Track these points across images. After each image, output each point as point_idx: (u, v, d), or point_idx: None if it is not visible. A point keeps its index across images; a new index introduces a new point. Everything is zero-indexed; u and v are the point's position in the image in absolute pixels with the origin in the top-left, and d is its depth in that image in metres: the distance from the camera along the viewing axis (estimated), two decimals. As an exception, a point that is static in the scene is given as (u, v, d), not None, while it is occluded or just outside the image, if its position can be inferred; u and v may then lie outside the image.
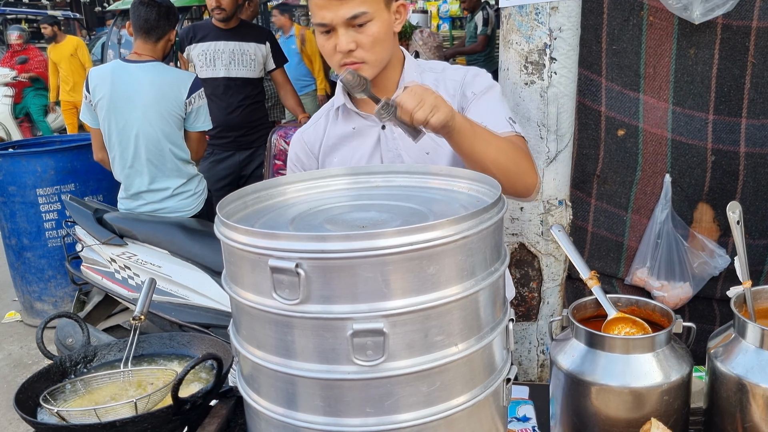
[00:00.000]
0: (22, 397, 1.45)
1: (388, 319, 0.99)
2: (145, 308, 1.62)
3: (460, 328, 1.05)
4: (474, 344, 1.06)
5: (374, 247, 0.97)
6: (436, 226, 1.00)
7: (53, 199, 4.96)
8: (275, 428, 1.11)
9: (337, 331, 1.00)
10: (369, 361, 1.00)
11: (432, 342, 1.03)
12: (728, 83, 2.56)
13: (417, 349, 1.02)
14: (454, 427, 1.07)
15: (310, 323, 1.01)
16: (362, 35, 1.72)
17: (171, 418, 1.36)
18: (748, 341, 1.38)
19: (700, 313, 2.84)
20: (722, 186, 2.67)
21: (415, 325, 1.01)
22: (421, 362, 1.02)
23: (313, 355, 1.03)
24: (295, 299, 1.00)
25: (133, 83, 3.70)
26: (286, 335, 1.04)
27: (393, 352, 1.01)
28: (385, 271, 0.98)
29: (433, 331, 1.02)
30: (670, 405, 1.41)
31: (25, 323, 5.37)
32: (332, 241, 0.98)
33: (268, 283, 1.02)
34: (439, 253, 1.00)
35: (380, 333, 0.99)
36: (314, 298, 1.00)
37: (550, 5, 2.56)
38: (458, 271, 1.03)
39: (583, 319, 1.58)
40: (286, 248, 0.99)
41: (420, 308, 1.00)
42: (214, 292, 3.42)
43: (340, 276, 0.99)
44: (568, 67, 2.62)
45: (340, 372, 1.02)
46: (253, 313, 1.08)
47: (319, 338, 1.02)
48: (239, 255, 1.08)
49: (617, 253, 2.88)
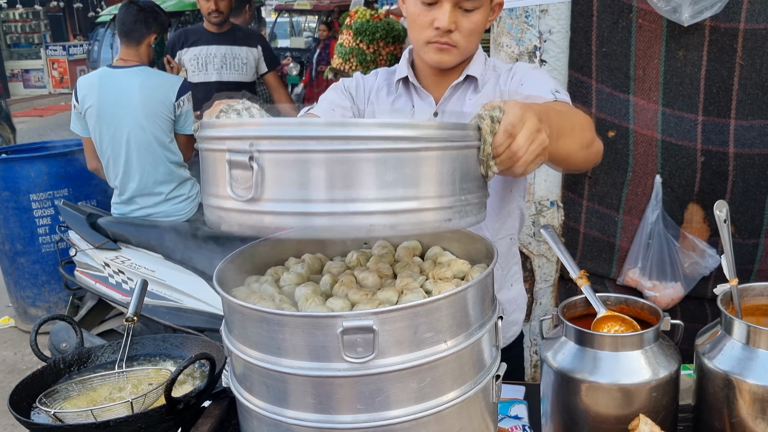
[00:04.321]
0: (16, 398, 1.45)
1: (378, 317, 1.01)
2: (138, 309, 1.63)
3: (449, 325, 1.06)
4: (463, 341, 1.08)
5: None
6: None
7: (47, 204, 4.95)
8: (267, 426, 1.12)
9: (327, 328, 1.02)
10: (359, 358, 1.02)
11: (421, 339, 1.04)
12: (717, 84, 2.58)
13: (406, 346, 1.03)
14: (444, 423, 1.08)
15: (300, 321, 1.03)
16: (466, 20, 1.66)
17: (164, 418, 1.37)
18: (735, 338, 1.40)
19: (691, 313, 2.86)
20: (712, 186, 2.69)
21: (404, 323, 1.02)
22: (411, 359, 1.03)
23: (304, 353, 1.04)
24: (248, 195, 0.99)
25: (121, 89, 3.70)
26: (277, 333, 1.05)
27: (383, 349, 1.02)
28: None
29: (422, 328, 1.04)
30: (659, 401, 1.42)
31: (18, 329, 5.36)
32: (286, 127, 0.98)
33: (225, 179, 1.01)
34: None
35: (370, 330, 1.00)
36: (268, 193, 0.99)
37: (540, 8, 2.58)
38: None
39: (573, 317, 1.59)
40: (241, 135, 0.99)
41: (409, 305, 1.01)
42: (207, 296, 3.43)
43: (293, 167, 0.97)
44: (558, 69, 2.64)
45: (331, 369, 1.03)
46: (245, 313, 1.09)
47: (310, 336, 1.03)
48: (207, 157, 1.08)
49: (609, 253, 2.90)
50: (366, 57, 8.14)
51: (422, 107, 1.84)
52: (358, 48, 8.15)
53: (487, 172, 1.08)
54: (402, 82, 1.87)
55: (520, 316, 2.07)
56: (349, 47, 8.21)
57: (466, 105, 1.82)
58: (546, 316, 1.64)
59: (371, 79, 1.95)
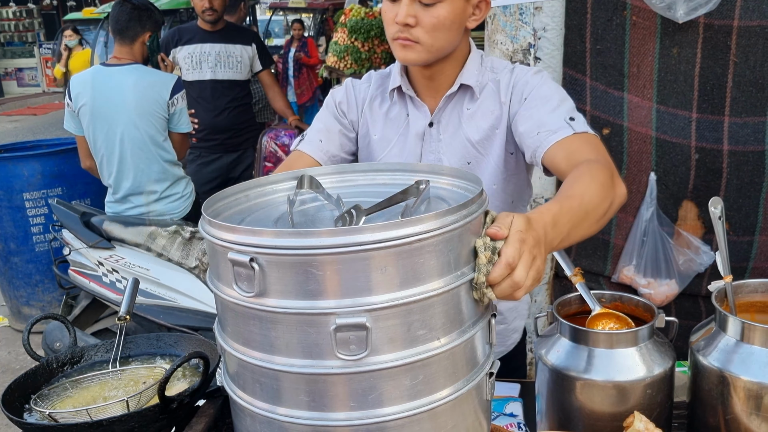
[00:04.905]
0: (8, 398, 1.44)
1: (371, 314, 1.00)
2: (130, 308, 1.62)
3: (442, 322, 1.05)
4: (456, 338, 1.07)
5: (346, 243, 0.98)
6: (421, 221, 1.01)
7: (40, 203, 4.94)
8: (260, 424, 1.11)
9: (320, 326, 1.01)
10: (352, 355, 1.01)
11: (414, 336, 1.03)
12: (711, 82, 2.59)
13: (399, 344, 1.03)
14: (437, 421, 1.08)
15: (293, 319, 1.02)
16: (426, 14, 1.60)
17: (158, 417, 1.36)
18: (729, 334, 1.40)
19: (686, 310, 2.87)
20: (706, 183, 2.70)
21: (397, 320, 1.02)
22: (404, 356, 1.03)
23: (297, 351, 1.04)
24: (251, 292, 1.02)
25: (114, 87, 3.69)
26: (269, 331, 1.05)
27: (376, 346, 1.01)
28: (366, 266, 0.99)
29: (415, 325, 1.03)
30: (654, 398, 1.43)
31: (12, 328, 5.35)
32: (284, 238, 0.99)
33: (230, 276, 1.05)
34: (421, 248, 1.01)
35: (363, 328, 1.00)
36: (271, 292, 1.02)
37: (534, 5, 2.58)
38: (440, 266, 1.04)
39: (568, 315, 1.60)
40: (243, 242, 1.02)
41: (402, 302, 1.01)
42: (201, 295, 3.42)
43: (296, 271, 1.00)
44: (552, 66, 2.64)
45: (324, 367, 1.02)
46: (237, 310, 1.09)
47: (303, 333, 1.03)
48: (211, 247, 1.11)
49: (604, 251, 2.91)
50: (361, 55, 8.14)
51: (417, 117, 1.81)
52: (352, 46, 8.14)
53: (482, 298, 1.09)
54: (396, 90, 1.83)
55: (521, 323, 2.06)
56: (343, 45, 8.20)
57: (464, 116, 1.77)
58: (541, 313, 1.64)
59: (363, 87, 1.90)
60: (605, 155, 1.55)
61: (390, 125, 1.84)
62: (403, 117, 1.83)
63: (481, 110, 1.76)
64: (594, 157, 1.51)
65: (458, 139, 1.78)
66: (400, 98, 1.84)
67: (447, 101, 1.78)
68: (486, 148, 1.76)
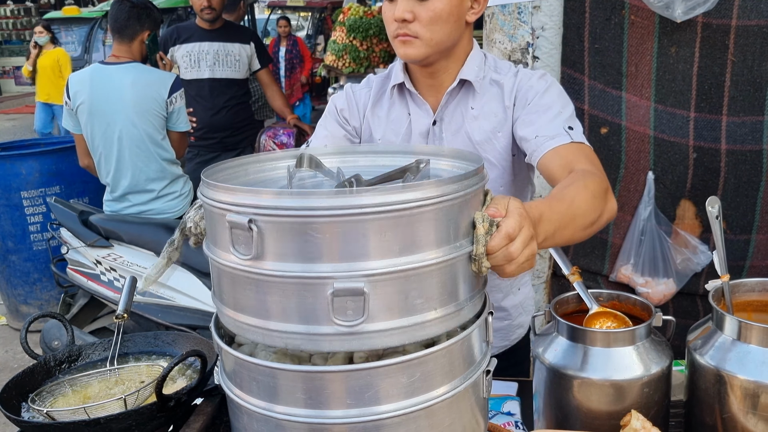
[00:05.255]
0: (6, 396, 1.44)
1: (369, 280, 0.99)
2: (128, 306, 1.62)
3: (439, 293, 1.05)
4: (452, 311, 1.07)
5: (346, 206, 0.98)
6: (421, 187, 1.00)
7: (38, 202, 4.93)
8: (258, 422, 1.11)
9: (317, 291, 1.00)
10: (349, 321, 1.00)
11: (412, 305, 1.03)
12: (709, 81, 2.59)
13: (396, 312, 1.02)
14: (434, 418, 1.08)
15: (290, 283, 1.01)
16: (423, 9, 1.62)
17: (156, 415, 1.36)
18: (726, 333, 1.40)
19: (684, 309, 2.87)
20: (704, 183, 2.70)
21: (395, 287, 1.02)
22: (401, 325, 1.03)
23: (294, 316, 1.03)
24: (249, 255, 1.02)
25: (113, 85, 3.69)
26: (266, 296, 1.04)
27: (373, 313, 1.01)
28: (363, 229, 0.99)
29: (412, 293, 1.03)
30: (651, 397, 1.43)
31: (10, 327, 5.34)
32: (284, 198, 0.99)
33: (227, 239, 1.04)
34: (421, 215, 1.01)
35: (360, 293, 0.99)
36: (269, 255, 1.01)
37: (533, 4, 2.58)
38: (439, 235, 1.04)
39: (566, 314, 1.60)
40: (242, 203, 1.02)
41: (401, 269, 1.01)
42: (200, 294, 3.42)
43: (295, 234, 0.99)
44: (550, 65, 2.64)
45: (321, 333, 1.02)
46: (234, 275, 1.08)
47: (299, 299, 1.02)
48: (210, 212, 1.11)
49: (602, 250, 2.91)
50: (359, 54, 8.14)
51: (419, 115, 1.81)
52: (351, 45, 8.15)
53: (480, 269, 1.10)
54: (397, 88, 1.83)
55: (526, 319, 2.05)
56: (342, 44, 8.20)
57: (468, 115, 1.77)
58: (539, 312, 1.64)
59: (364, 93, 1.90)
60: (600, 168, 1.57)
61: (392, 126, 1.84)
62: (405, 116, 1.83)
63: (484, 112, 1.76)
64: (589, 169, 1.53)
65: (460, 137, 1.78)
66: (401, 96, 1.83)
67: (449, 98, 1.78)
68: (487, 150, 1.76)
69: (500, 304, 1.95)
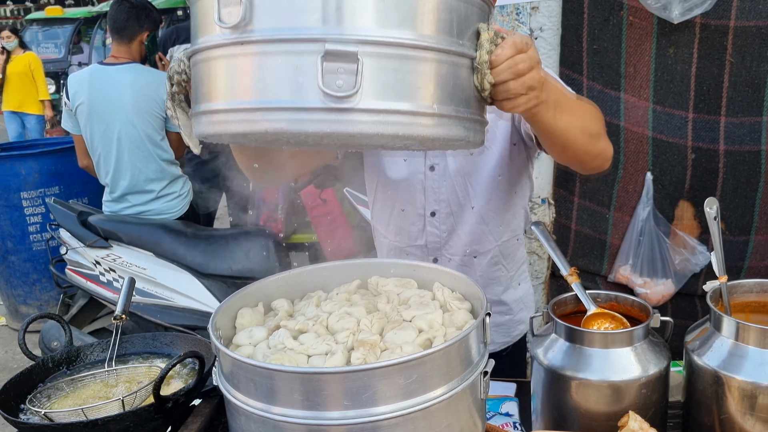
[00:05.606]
0: (4, 398, 1.44)
1: (363, 47, 0.92)
2: (126, 307, 1.62)
3: (438, 94, 0.99)
4: (449, 112, 1.01)
5: None
6: None
7: (37, 202, 4.93)
8: (255, 424, 1.11)
9: (307, 55, 0.92)
10: (339, 92, 0.92)
11: (408, 90, 0.96)
12: (707, 82, 2.59)
13: (392, 93, 0.96)
14: (431, 419, 1.08)
15: (279, 49, 0.94)
16: None
17: (153, 416, 1.36)
18: (724, 334, 1.40)
19: (682, 310, 2.87)
20: (703, 183, 2.70)
21: (390, 63, 0.95)
22: (395, 107, 0.96)
23: (281, 91, 0.95)
24: (236, 21, 0.95)
25: (112, 86, 3.69)
26: (253, 73, 0.98)
27: (365, 91, 0.93)
28: None
29: (408, 78, 0.96)
30: (648, 398, 1.43)
31: (10, 327, 5.34)
32: None
33: (214, 10, 0.97)
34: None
35: (354, 59, 0.92)
36: (256, 19, 0.95)
37: (531, 5, 2.58)
38: (440, 22, 0.99)
39: (564, 315, 1.59)
40: None
41: (397, 41, 0.95)
42: (198, 294, 3.42)
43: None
44: (549, 66, 2.64)
45: (306, 108, 0.93)
46: (220, 56, 1.02)
47: (288, 70, 0.94)
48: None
49: (600, 250, 2.91)
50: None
51: None
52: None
53: (482, 82, 1.02)
54: None
55: (527, 314, 2.05)
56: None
57: None
58: (537, 313, 1.64)
59: None
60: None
61: None
62: None
63: None
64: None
65: None
66: None
67: None
68: (487, 138, 1.77)
69: (500, 297, 1.94)
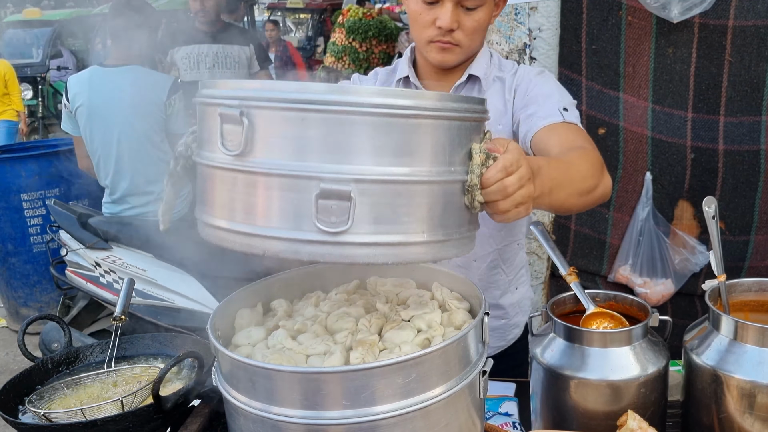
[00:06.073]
0: (3, 399, 1.44)
1: (358, 185, 0.96)
2: (125, 308, 1.63)
3: (428, 215, 1.02)
4: (439, 238, 1.04)
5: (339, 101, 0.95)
6: (421, 95, 1.01)
7: (38, 204, 4.93)
8: (254, 424, 1.11)
9: (303, 191, 0.97)
10: (333, 227, 0.96)
11: (399, 220, 1.00)
12: (706, 81, 2.59)
13: (383, 225, 0.99)
14: (430, 419, 1.08)
15: (276, 181, 0.98)
16: (468, 18, 1.64)
17: (153, 417, 1.36)
18: (723, 333, 1.40)
19: (682, 310, 2.87)
20: (702, 183, 2.70)
21: (383, 198, 0.98)
22: (384, 241, 1.00)
23: (276, 218, 0.99)
24: (237, 150, 0.99)
25: (112, 88, 3.69)
26: (250, 197, 1.01)
27: (358, 221, 0.97)
28: (356, 128, 0.96)
29: (401, 209, 1.00)
30: (647, 397, 1.43)
31: (10, 329, 5.34)
32: (276, 88, 0.97)
33: (217, 135, 1.01)
34: (418, 125, 0.99)
35: (347, 197, 0.95)
36: (257, 151, 0.98)
37: (530, 5, 2.58)
38: (433, 151, 1.02)
39: (563, 314, 1.60)
40: (234, 96, 0.99)
41: (391, 179, 0.98)
42: (199, 295, 3.42)
43: (285, 127, 0.96)
44: (548, 66, 2.65)
45: (303, 240, 0.98)
46: (220, 178, 1.05)
47: (284, 200, 0.98)
48: (202, 110, 1.09)
49: (600, 250, 2.91)
50: (359, 55, 8.16)
51: None
52: (350, 46, 8.17)
53: (472, 202, 1.07)
54: (402, 81, 1.84)
55: (522, 318, 2.05)
56: (341, 45, 8.23)
57: None
58: (536, 313, 1.64)
59: (370, 83, 1.92)
60: (596, 148, 1.59)
61: None
62: None
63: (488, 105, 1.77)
64: (588, 147, 1.56)
65: None
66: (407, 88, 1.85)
67: (456, 92, 1.79)
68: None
69: (498, 301, 1.95)
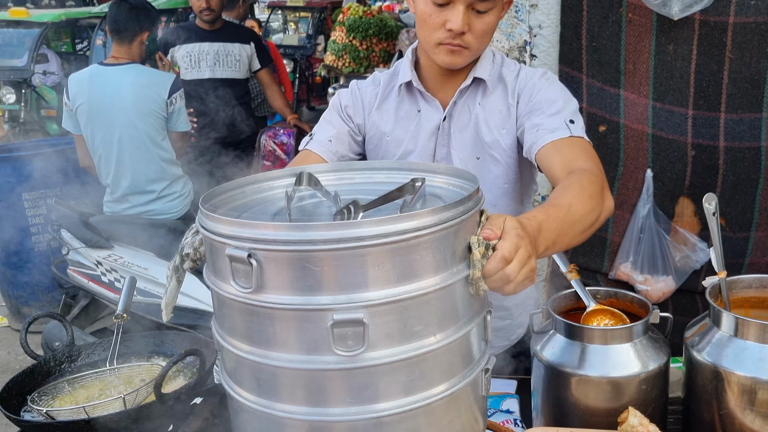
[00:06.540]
0: (6, 397, 1.45)
1: (368, 310, 1.01)
2: (127, 306, 1.63)
3: (438, 318, 1.07)
4: (452, 335, 1.08)
5: (344, 238, 0.99)
6: (418, 216, 1.02)
7: (39, 203, 4.93)
8: (258, 420, 1.12)
9: (317, 321, 1.02)
10: (349, 351, 1.02)
11: (411, 332, 1.04)
12: (707, 78, 2.59)
13: (396, 340, 1.04)
14: (433, 416, 1.09)
15: (291, 314, 1.03)
16: (479, 21, 1.63)
17: (154, 414, 1.37)
18: (723, 330, 1.41)
19: (683, 307, 2.87)
20: (703, 180, 2.70)
21: (393, 316, 1.03)
22: (400, 352, 1.04)
23: (294, 346, 1.05)
24: (249, 288, 1.03)
25: (112, 86, 3.69)
26: (267, 327, 1.05)
27: (373, 342, 1.02)
28: (361, 260, 1.00)
29: (411, 321, 1.04)
30: (648, 394, 1.43)
31: (12, 328, 5.34)
32: (282, 231, 1.00)
33: (228, 272, 1.06)
34: (418, 244, 1.02)
35: (360, 323, 1.00)
36: (269, 288, 1.03)
37: (530, 3, 2.58)
38: (436, 262, 1.05)
39: (563, 311, 1.60)
40: (241, 236, 1.03)
41: (398, 299, 1.02)
42: (200, 294, 3.42)
43: (294, 267, 1.01)
44: (548, 64, 2.65)
45: (321, 362, 1.03)
46: (235, 306, 1.09)
47: (300, 329, 1.03)
48: (209, 243, 1.12)
49: (601, 248, 2.91)
50: (359, 53, 8.15)
51: (429, 112, 1.81)
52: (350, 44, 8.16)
53: (477, 291, 1.11)
54: (405, 86, 1.83)
55: (527, 318, 2.06)
56: (341, 44, 8.22)
57: (474, 111, 1.78)
58: (537, 310, 1.64)
59: (369, 91, 1.89)
60: (599, 164, 1.59)
61: (401, 123, 1.84)
62: (414, 113, 1.83)
63: (489, 108, 1.77)
64: (588, 167, 1.55)
65: (468, 133, 1.79)
66: (409, 94, 1.84)
67: (460, 95, 1.78)
68: (494, 147, 1.77)
69: (502, 303, 1.95)
